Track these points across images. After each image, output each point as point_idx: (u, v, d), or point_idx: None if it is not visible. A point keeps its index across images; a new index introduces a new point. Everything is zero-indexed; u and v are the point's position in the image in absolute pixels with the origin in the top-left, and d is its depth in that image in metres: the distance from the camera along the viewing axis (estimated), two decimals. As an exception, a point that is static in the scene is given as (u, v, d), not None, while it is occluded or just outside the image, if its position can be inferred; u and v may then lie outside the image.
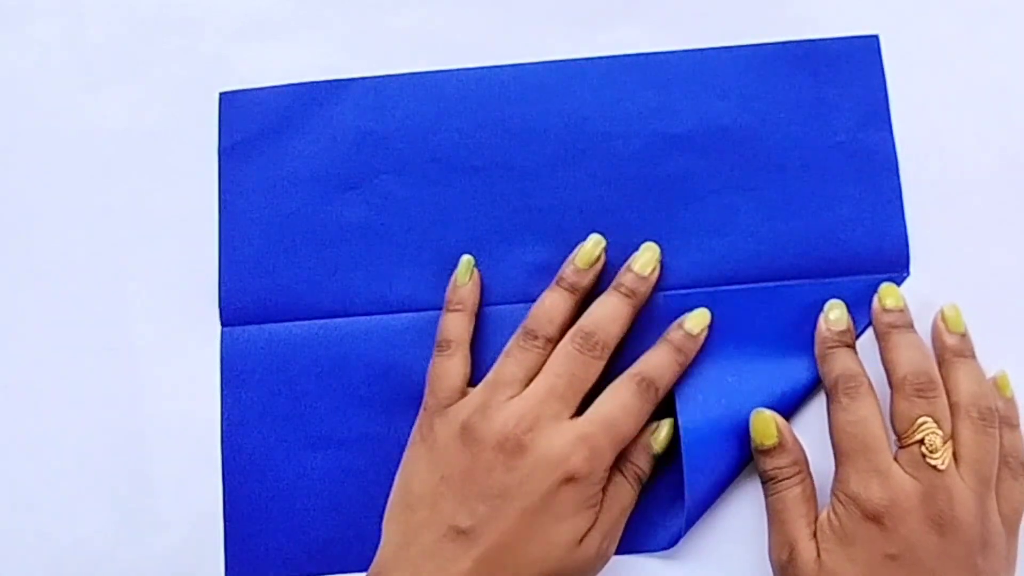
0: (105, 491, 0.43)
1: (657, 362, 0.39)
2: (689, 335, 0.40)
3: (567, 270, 0.41)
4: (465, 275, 0.42)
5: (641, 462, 0.40)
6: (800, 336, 0.41)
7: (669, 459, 0.40)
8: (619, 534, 0.39)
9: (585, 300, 0.41)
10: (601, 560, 0.38)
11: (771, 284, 0.41)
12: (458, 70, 0.44)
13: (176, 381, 0.43)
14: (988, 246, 0.42)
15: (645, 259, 0.41)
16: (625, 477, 0.39)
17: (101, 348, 0.44)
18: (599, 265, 0.41)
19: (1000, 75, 0.43)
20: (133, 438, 0.43)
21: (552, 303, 0.40)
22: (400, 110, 0.44)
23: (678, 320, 0.41)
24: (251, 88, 0.45)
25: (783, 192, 0.42)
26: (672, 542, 0.40)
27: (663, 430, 0.40)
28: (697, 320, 0.40)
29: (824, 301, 0.41)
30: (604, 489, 0.38)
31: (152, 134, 0.45)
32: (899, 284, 0.41)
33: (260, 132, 0.44)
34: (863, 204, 0.42)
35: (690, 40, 0.43)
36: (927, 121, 0.42)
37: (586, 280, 0.40)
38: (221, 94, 0.45)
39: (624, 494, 0.39)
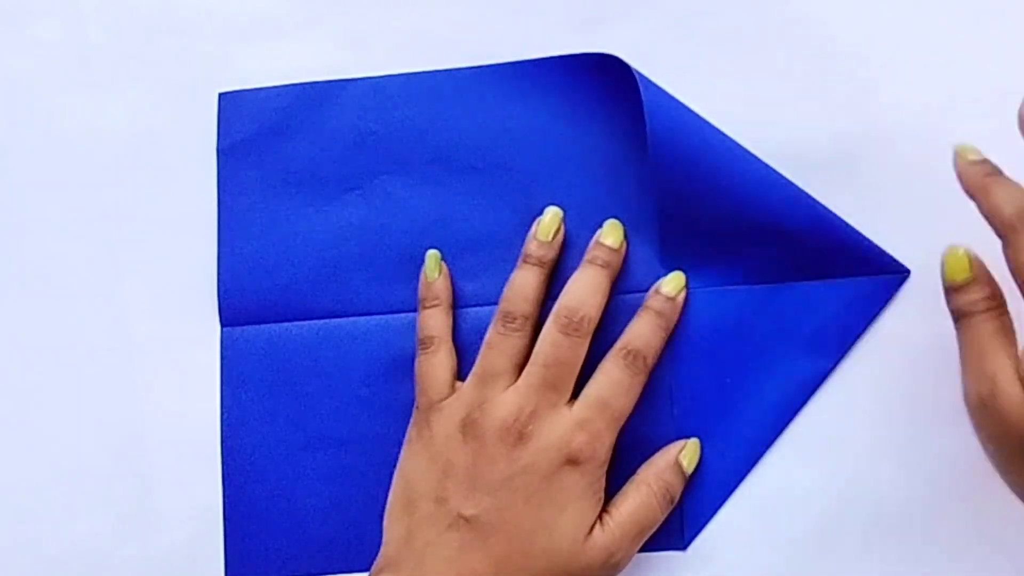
0: (105, 491, 0.43)
1: (640, 331, 0.39)
2: (668, 299, 0.40)
3: (531, 246, 0.40)
4: (434, 271, 0.42)
5: (671, 477, 0.39)
6: (800, 336, 0.41)
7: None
8: (634, 551, 0.38)
9: (554, 277, 0.41)
10: (611, 571, 0.38)
11: (771, 284, 0.41)
12: (458, 70, 0.44)
13: (176, 381, 0.43)
14: (988, 245, 0.42)
15: (615, 235, 0.41)
16: (653, 492, 0.38)
17: (101, 348, 0.44)
18: (560, 237, 0.41)
19: (1001, 74, 0.43)
20: (132, 438, 0.43)
21: (523, 280, 0.40)
22: (400, 110, 0.44)
23: (654, 286, 0.41)
24: (251, 88, 0.44)
25: (783, 191, 0.42)
26: (673, 545, 0.40)
27: (691, 448, 0.40)
28: (674, 283, 0.40)
29: (824, 301, 0.40)
30: (624, 500, 0.38)
31: (151, 134, 0.45)
32: (899, 284, 0.41)
33: (260, 132, 0.44)
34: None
35: (690, 40, 0.43)
36: (927, 120, 0.42)
37: (552, 253, 0.40)
38: (221, 94, 0.45)
39: (647, 511, 0.38)
